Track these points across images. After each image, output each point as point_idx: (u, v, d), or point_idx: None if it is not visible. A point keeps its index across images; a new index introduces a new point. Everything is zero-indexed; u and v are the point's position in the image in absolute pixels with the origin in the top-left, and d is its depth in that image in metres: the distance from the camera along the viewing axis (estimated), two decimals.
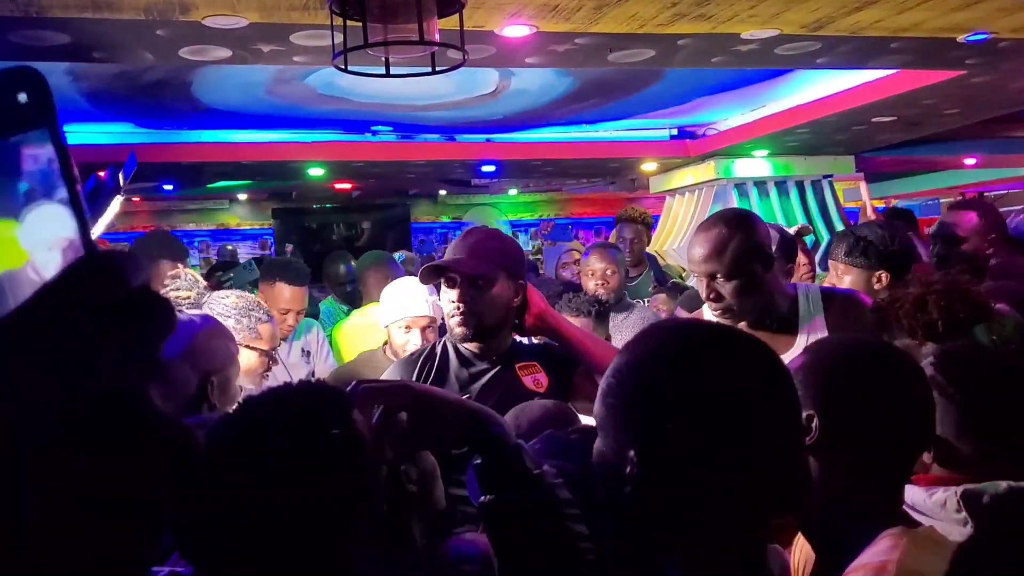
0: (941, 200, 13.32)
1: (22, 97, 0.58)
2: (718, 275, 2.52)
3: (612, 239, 6.11)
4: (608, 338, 3.69)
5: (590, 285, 4.52)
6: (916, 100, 5.65)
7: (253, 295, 2.97)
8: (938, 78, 5.15)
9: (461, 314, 2.41)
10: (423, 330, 3.30)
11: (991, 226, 3.75)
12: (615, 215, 6.60)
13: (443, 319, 3.47)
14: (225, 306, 2.90)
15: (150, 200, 11.36)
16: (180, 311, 3.29)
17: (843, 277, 3.19)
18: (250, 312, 2.87)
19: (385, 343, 3.62)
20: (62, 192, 0.55)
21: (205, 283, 3.17)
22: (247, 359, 2.86)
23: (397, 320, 3.31)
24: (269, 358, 2.94)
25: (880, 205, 13.96)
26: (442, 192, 12.52)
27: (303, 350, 4.32)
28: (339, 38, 2.41)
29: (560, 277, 6.09)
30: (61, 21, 3.35)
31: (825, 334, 2.54)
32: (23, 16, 3.27)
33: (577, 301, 3.69)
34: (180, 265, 3.84)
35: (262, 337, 2.88)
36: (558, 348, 2.69)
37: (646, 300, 6.00)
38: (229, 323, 2.83)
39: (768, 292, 2.56)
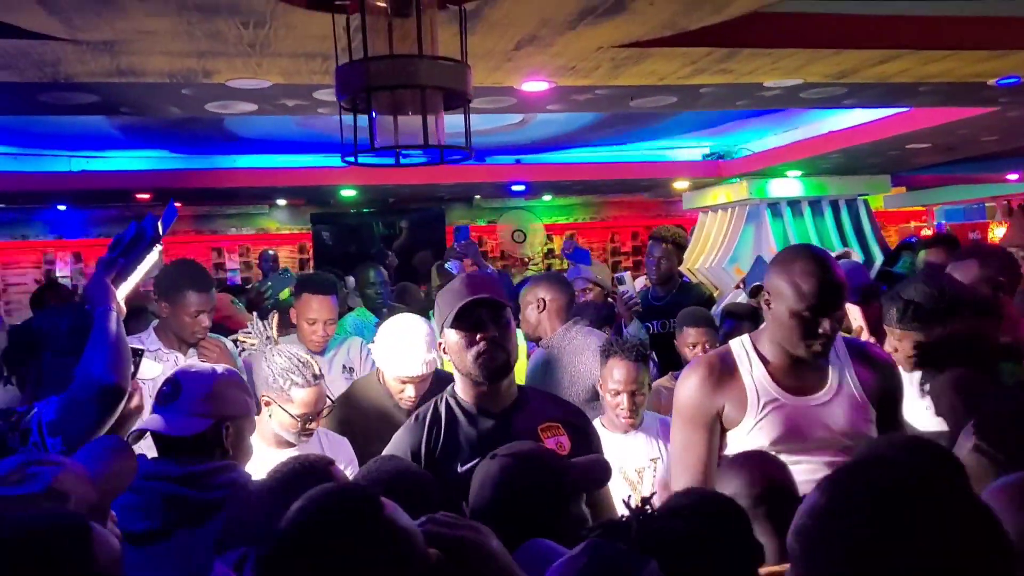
0: (987, 205, 13.10)
1: None
2: (836, 314, 2.46)
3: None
4: (649, 384, 3.63)
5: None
6: (951, 130, 5.56)
7: (307, 358, 2.99)
8: (972, 112, 5.06)
9: (500, 348, 2.38)
10: (416, 385, 3.29)
11: (997, 271, 3.67)
12: (650, 224, 6.55)
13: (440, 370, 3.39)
14: (272, 363, 2.97)
15: (192, 205, 11.54)
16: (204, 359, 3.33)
17: (902, 342, 3.13)
18: (289, 374, 2.90)
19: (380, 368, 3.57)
20: None
21: (276, 338, 3.22)
22: (280, 417, 2.93)
23: (393, 374, 3.32)
24: (304, 422, 2.94)
25: (919, 210, 13.73)
26: (477, 196, 12.55)
27: (344, 366, 4.32)
28: (348, 128, 2.45)
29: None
30: (88, 85, 3.42)
31: (857, 385, 2.52)
32: (51, 81, 3.35)
33: (627, 346, 3.53)
34: (207, 295, 3.88)
35: (293, 401, 2.91)
36: (578, 416, 2.66)
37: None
38: (269, 380, 2.93)
39: None
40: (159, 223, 2.71)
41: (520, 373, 4.40)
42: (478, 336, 2.36)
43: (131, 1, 2.43)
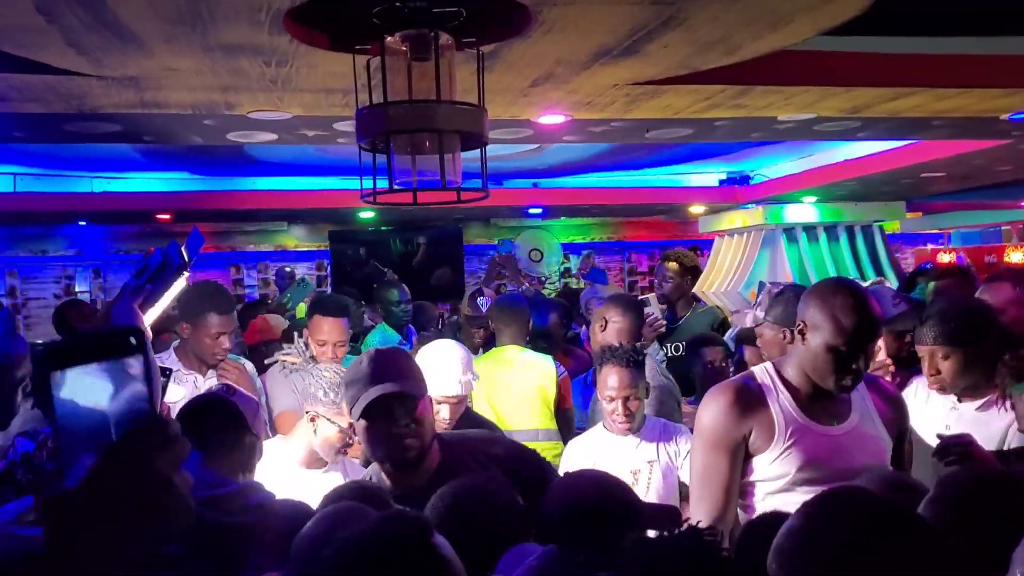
0: (1003, 229, 13.05)
1: None
2: (870, 350, 2.50)
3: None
4: (646, 389, 3.63)
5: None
6: (966, 161, 5.58)
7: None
8: (987, 144, 5.08)
9: (412, 437, 2.28)
10: (452, 406, 3.31)
11: None
12: (666, 243, 6.55)
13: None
14: (320, 378, 3.02)
15: (211, 222, 11.64)
16: (227, 384, 3.38)
17: (947, 361, 3.09)
18: (339, 388, 2.96)
19: None
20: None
21: (312, 356, 3.30)
22: (326, 431, 2.96)
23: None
24: (348, 435, 3.00)
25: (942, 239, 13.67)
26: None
27: None
28: (367, 166, 2.51)
29: (588, 316, 6.05)
30: (112, 116, 3.49)
31: (877, 418, 2.55)
32: (77, 112, 3.42)
33: (619, 352, 3.50)
34: (228, 317, 3.93)
35: (343, 414, 2.95)
36: (517, 459, 2.48)
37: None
38: (318, 395, 2.96)
39: None
40: (184, 250, 2.76)
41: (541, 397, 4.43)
42: (387, 429, 2.28)
43: (157, 42, 2.50)
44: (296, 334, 3.84)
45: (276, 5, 2.19)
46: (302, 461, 3.00)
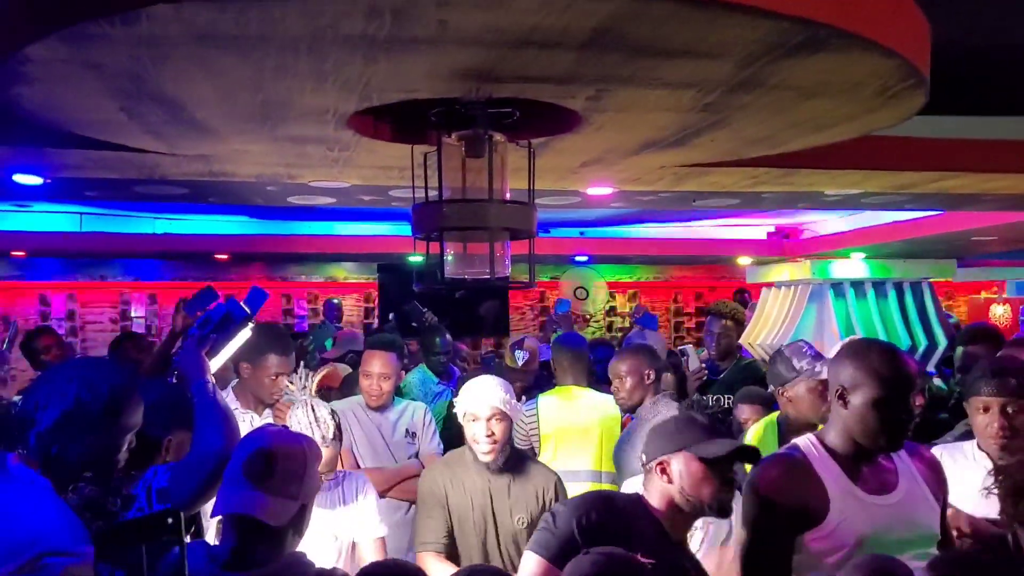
0: None
1: None
2: (913, 399, 2.60)
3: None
4: None
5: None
6: (1020, 226, 5.56)
7: (328, 418, 3.19)
8: None
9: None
10: (500, 422, 3.35)
11: None
12: (713, 284, 6.54)
13: None
14: (294, 414, 3.20)
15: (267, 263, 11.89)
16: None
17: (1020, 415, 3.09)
18: (307, 431, 3.09)
19: None
20: None
21: (313, 392, 3.45)
22: None
23: (464, 410, 3.42)
24: None
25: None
26: None
27: (408, 431, 4.47)
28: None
29: None
30: (180, 182, 3.66)
31: (923, 485, 2.56)
32: (147, 179, 3.59)
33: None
34: (287, 359, 4.06)
35: None
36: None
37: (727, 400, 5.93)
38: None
39: None
40: (245, 305, 2.90)
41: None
42: (725, 482, 2.49)
43: (229, 132, 2.64)
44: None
45: (342, 109, 2.32)
46: None
